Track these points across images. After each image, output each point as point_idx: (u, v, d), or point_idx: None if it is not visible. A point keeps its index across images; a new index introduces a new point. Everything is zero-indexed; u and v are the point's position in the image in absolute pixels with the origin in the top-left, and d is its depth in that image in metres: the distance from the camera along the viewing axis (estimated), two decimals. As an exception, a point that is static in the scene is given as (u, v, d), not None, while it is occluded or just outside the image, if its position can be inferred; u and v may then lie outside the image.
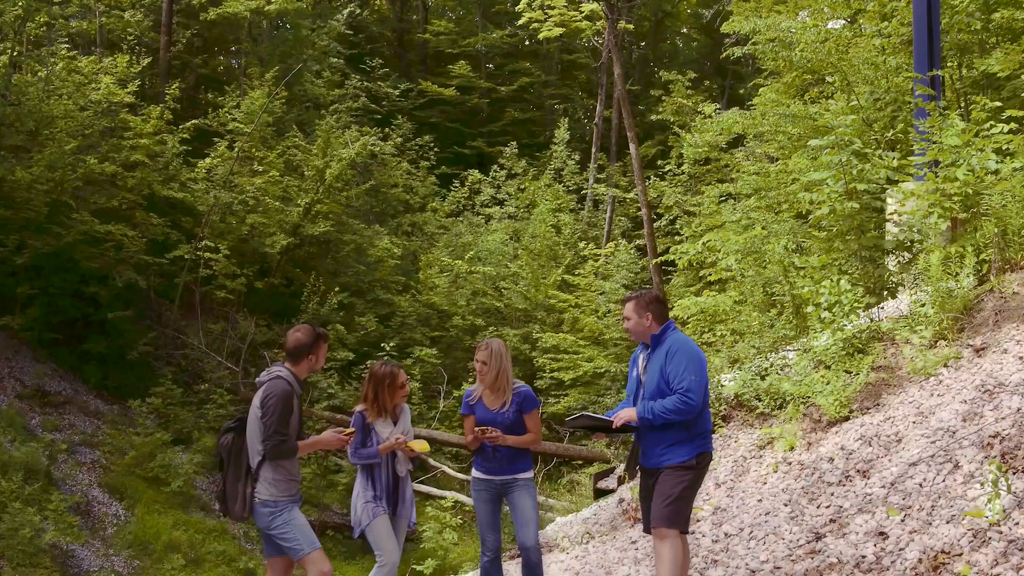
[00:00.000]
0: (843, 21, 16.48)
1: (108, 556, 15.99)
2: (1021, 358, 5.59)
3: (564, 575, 6.56)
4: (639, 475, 5.29)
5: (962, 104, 12.09)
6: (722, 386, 7.58)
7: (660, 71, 27.39)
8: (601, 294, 22.35)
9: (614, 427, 5.20)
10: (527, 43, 39.59)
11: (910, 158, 8.46)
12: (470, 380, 23.38)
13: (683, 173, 21.85)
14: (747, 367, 7.57)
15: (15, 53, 24.67)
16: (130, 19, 29.10)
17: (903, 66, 11.99)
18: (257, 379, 5.98)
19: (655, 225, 23.91)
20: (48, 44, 27.01)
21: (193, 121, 25.51)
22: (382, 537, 5.90)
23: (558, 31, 33.29)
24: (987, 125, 7.31)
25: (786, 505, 5.68)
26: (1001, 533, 4.16)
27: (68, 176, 20.94)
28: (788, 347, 7.78)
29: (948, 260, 6.72)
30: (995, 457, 4.67)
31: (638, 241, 24.38)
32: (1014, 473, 4.53)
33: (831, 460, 5.86)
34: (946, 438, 5.20)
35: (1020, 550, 4.02)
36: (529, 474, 6.16)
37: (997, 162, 6.82)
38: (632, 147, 22.19)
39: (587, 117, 38.51)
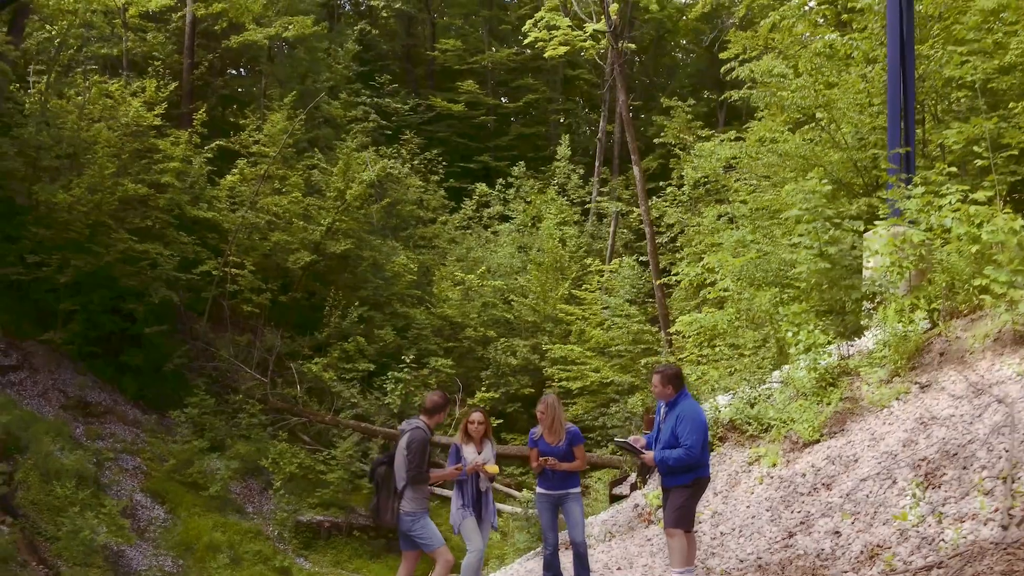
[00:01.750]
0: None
1: (156, 556, 17.35)
2: (952, 395, 6.94)
3: (596, 565, 8.12)
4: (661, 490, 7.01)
5: (938, 149, 13.41)
6: (719, 411, 9.00)
7: (662, 96, 28.69)
8: (605, 308, 23.72)
9: (643, 459, 7.00)
10: (532, 60, 40.82)
11: (880, 216, 9.88)
12: (483, 389, 24.82)
13: (684, 194, 23.20)
14: (739, 396, 8.98)
15: (51, 79, 26.09)
16: (153, 41, 30.47)
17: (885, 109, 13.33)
18: (400, 427, 7.91)
19: (657, 241, 25.15)
20: (76, 66, 28.42)
21: (217, 142, 26.89)
22: (470, 533, 7.71)
23: (563, 50, 34.52)
24: (944, 187, 8.70)
25: (767, 511, 7.08)
26: (918, 532, 5.54)
27: (107, 198, 22.22)
28: (774, 373, 9.16)
29: (904, 309, 8.08)
30: (921, 476, 6.04)
31: (641, 256, 25.67)
32: (932, 488, 5.90)
33: (803, 475, 7.25)
34: (889, 460, 6.57)
35: (928, 544, 5.40)
36: (577, 489, 7.96)
37: (952, 219, 8.17)
38: (636, 169, 23.50)
39: (591, 130, 39.80)
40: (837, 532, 6.19)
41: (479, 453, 7.90)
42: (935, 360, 7.63)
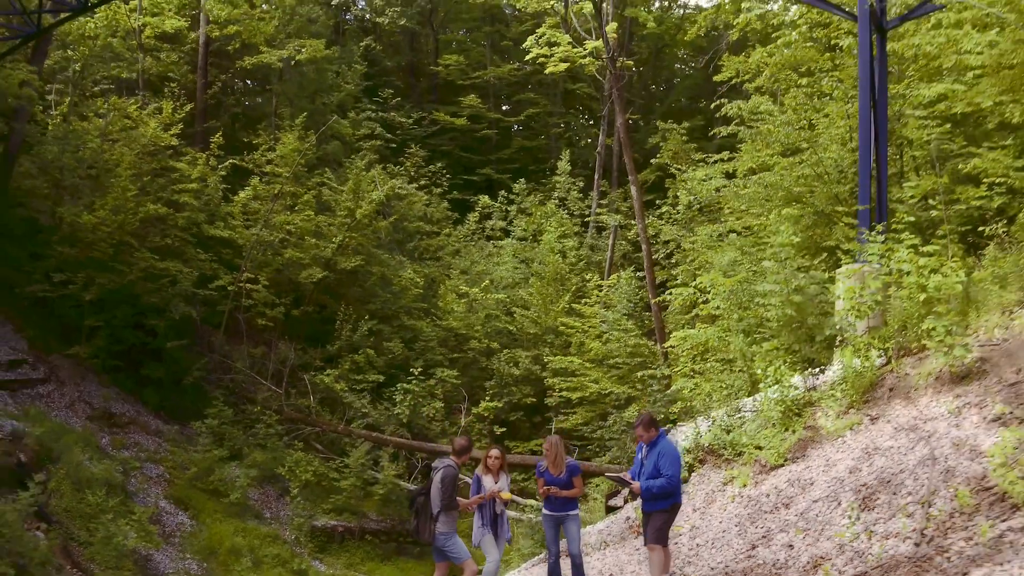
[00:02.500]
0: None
1: (182, 560, 18.49)
2: (895, 428, 8.04)
3: (592, 571, 9.44)
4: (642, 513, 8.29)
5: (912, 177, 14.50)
6: (700, 436, 10.12)
7: (658, 121, 29.81)
8: (603, 322, 24.85)
9: (632, 489, 8.33)
10: (534, 75, 41.88)
11: (842, 264, 11.04)
12: (487, 398, 25.97)
13: (679, 213, 24.29)
14: (717, 423, 10.11)
15: (74, 100, 27.24)
16: (167, 60, 31.59)
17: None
18: (434, 464, 9.54)
19: (655, 257, 26.21)
20: (94, 85, 29.54)
21: (231, 160, 28.04)
22: (488, 547, 9.37)
23: (563, 66, 35.64)
24: (903, 235, 9.83)
25: (736, 526, 8.20)
26: (852, 547, 6.65)
27: (130, 219, 23.34)
28: (748, 400, 10.29)
29: (862, 347, 9.21)
30: (860, 499, 7.15)
31: (639, 272, 26.74)
32: (868, 510, 7.00)
33: (768, 496, 8.36)
34: (837, 484, 7.68)
35: (859, 557, 6.50)
36: (576, 511, 9.39)
37: (905, 268, 9.28)
38: (633, 189, 24.61)
39: (591, 143, 40.86)
40: (791, 545, 7.31)
41: (496, 482, 9.51)
42: (885, 395, 8.73)
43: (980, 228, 9.64)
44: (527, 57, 36.66)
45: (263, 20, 30.56)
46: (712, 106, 21.86)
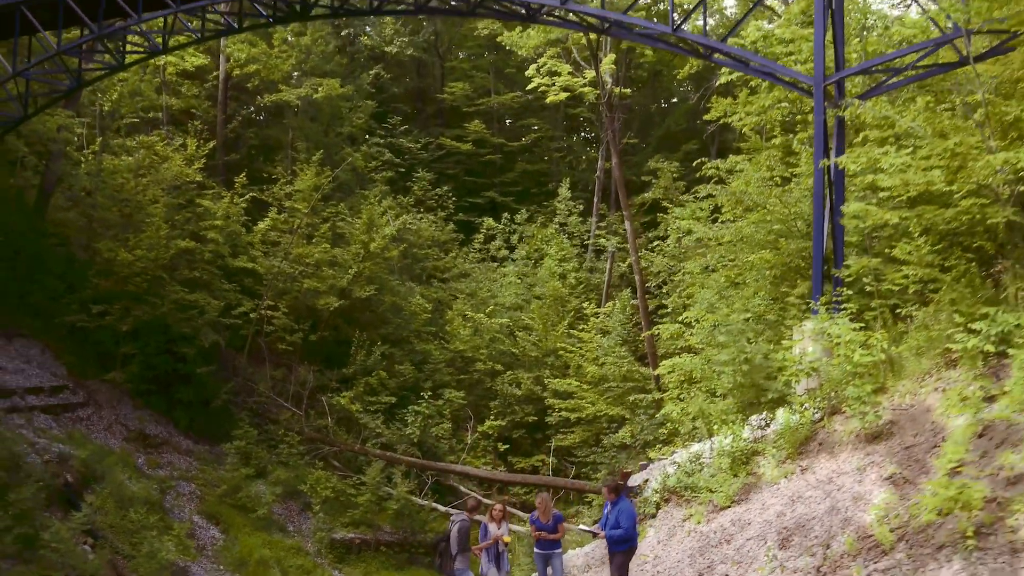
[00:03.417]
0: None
1: (217, 571, 20.47)
2: (817, 479, 9.87)
3: None
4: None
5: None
6: (668, 478, 12.01)
7: (651, 161, 31.70)
8: (599, 348, 26.77)
9: (599, 536, 10.26)
10: (536, 100, 43.67)
11: (788, 337, 12.96)
12: (491, 417, 27.92)
13: (669, 247, 26.17)
14: (681, 467, 11.99)
15: (106, 139, 29.22)
16: (188, 93, 33.55)
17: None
18: (452, 517, 12.28)
19: (649, 284, 28.06)
20: (120, 119, 31.48)
21: (251, 193, 30.01)
22: None
23: (564, 96, 37.48)
24: (844, 305, 11.72)
25: (689, 557, 10.07)
26: (770, 581, 8.54)
27: (162, 254, 25.31)
28: (707, 445, 12.17)
29: (800, 406, 11.07)
30: (780, 539, 9.00)
31: (636, 296, 28.57)
32: (784, 549, 8.85)
33: (715, 532, 10.20)
34: (766, 525, 9.50)
35: (773, 589, 8.40)
36: (559, 549, 11.61)
37: (841, 336, 11.13)
38: (627, 224, 26.50)
39: (589, 167, 42.67)
40: (727, 575, 9.19)
41: (499, 528, 12.04)
42: (816, 448, 10.57)
43: (904, 305, 11.46)
44: (529, 87, 38.54)
45: (281, 59, 32.49)
46: (704, 136, 23.68)
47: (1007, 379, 8.46)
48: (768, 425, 11.52)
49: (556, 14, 16.99)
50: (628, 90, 36.35)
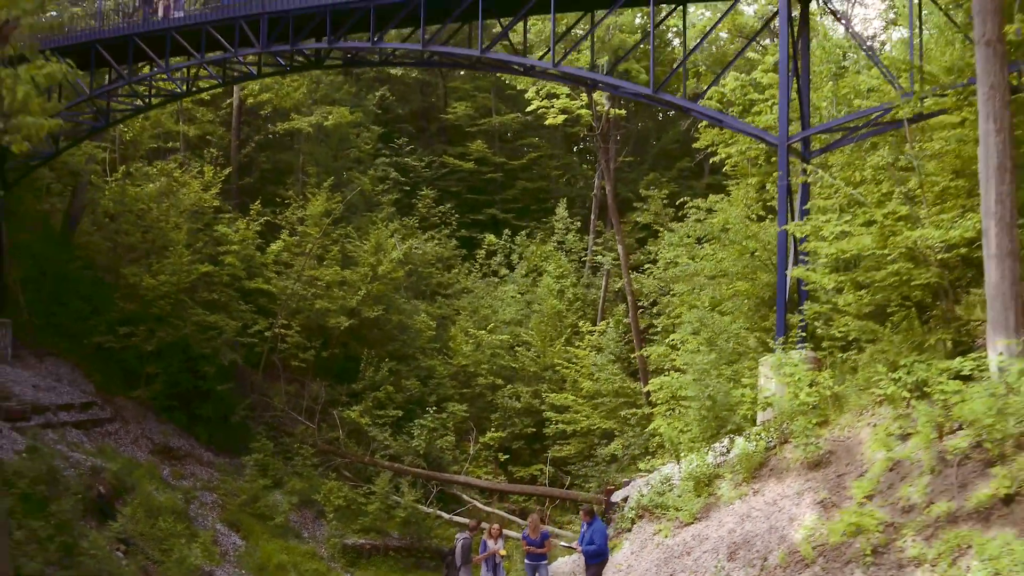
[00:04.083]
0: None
1: (240, 575, 22.27)
2: (765, 501, 11.52)
3: None
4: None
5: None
6: (642, 496, 13.73)
7: (641, 187, 33.45)
8: (594, 364, 28.54)
9: (578, 551, 12.00)
10: (536, 120, 45.30)
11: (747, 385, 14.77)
12: (492, 428, 29.68)
13: (659, 269, 27.90)
14: (653, 488, 13.72)
15: (130, 168, 30.98)
16: (202, 119, 35.33)
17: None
18: (456, 536, 14.32)
19: (641, 305, 29.77)
20: (138, 146, 33.28)
21: (265, 218, 31.76)
22: None
23: (562, 118, 39.15)
24: (796, 346, 13.43)
25: (655, 566, 11.76)
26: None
27: (184, 279, 27.08)
28: (677, 468, 13.89)
29: (756, 436, 12.77)
30: (728, 552, 10.70)
31: (626, 317, 30.33)
32: (731, 561, 10.54)
33: (679, 545, 11.87)
34: (719, 540, 11.16)
35: (719, 599, 10.12)
36: (546, 560, 13.44)
37: (792, 375, 12.86)
38: (620, 248, 28.23)
39: (587, 184, 44.33)
40: (685, 584, 10.93)
41: (496, 544, 13.97)
42: (767, 473, 12.25)
43: (850, 348, 13.19)
44: (528, 109, 40.19)
45: (292, 87, 34.26)
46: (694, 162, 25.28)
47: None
48: (729, 451, 13.21)
49: (550, 71, 18.73)
50: (623, 111, 37.95)
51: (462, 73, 49.54)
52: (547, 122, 39.50)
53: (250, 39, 20.76)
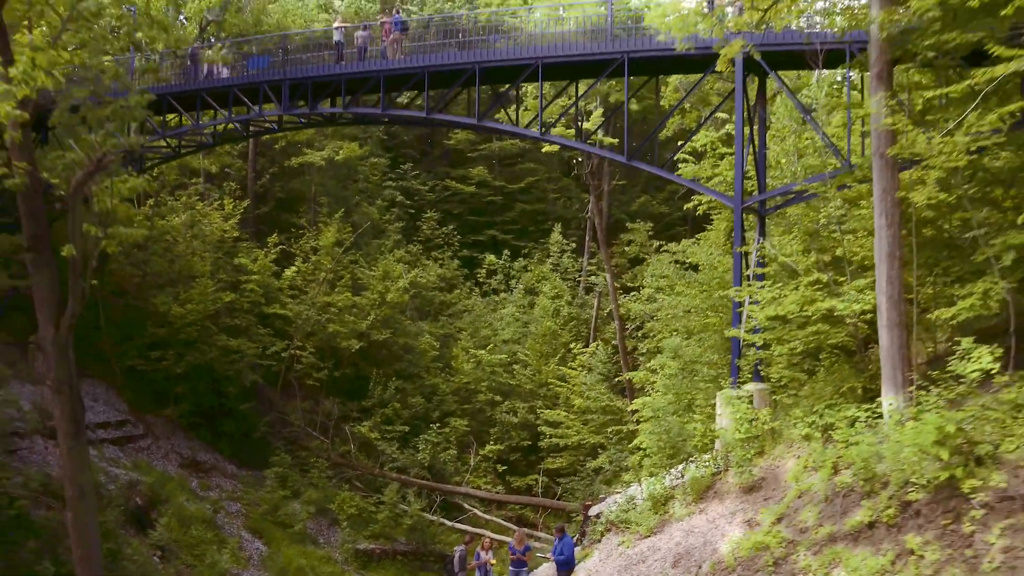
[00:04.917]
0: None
1: (264, 578, 24.90)
2: (707, 519, 14.01)
3: None
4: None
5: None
6: (611, 512, 16.26)
7: (628, 224, 36.05)
8: (584, 384, 31.14)
9: (549, 559, 14.63)
10: (534, 144, 47.73)
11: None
12: (491, 442, 32.27)
13: (644, 299, 30.49)
14: (620, 505, 16.26)
15: (158, 203, 33.58)
16: (220, 151, 37.89)
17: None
18: (454, 548, 16.87)
19: (629, 327, 32.28)
20: (164, 182, 35.84)
21: (280, 247, 34.36)
22: None
23: (557, 146, 41.68)
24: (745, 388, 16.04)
25: (617, 571, 14.28)
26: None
27: (209, 307, 29.70)
28: (640, 487, 16.45)
29: (703, 463, 15.32)
30: (672, 561, 13.25)
31: (614, 341, 32.90)
32: (674, 568, 13.06)
33: (636, 554, 14.37)
34: (668, 551, 13.67)
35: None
36: (527, 567, 15.95)
37: (736, 411, 15.40)
38: (608, 276, 30.76)
39: (583, 206, 46.86)
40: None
41: (487, 554, 16.43)
42: (712, 495, 14.77)
43: (787, 388, 15.77)
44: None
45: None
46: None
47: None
48: (683, 475, 15.77)
49: (538, 138, 21.38)
50: (615, 140, 40.47)
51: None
52: (544, 149, 42.06)
53: (271, 99, 23.34)
